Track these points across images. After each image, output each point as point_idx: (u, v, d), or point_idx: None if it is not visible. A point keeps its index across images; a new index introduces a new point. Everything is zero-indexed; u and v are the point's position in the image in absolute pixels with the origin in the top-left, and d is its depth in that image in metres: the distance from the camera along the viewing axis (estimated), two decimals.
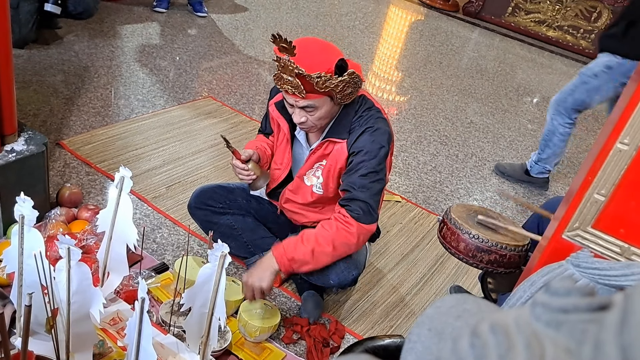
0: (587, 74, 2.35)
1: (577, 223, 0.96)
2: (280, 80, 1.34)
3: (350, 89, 1.36)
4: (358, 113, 1.44)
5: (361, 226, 1.40)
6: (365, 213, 1.39)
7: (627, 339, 0.31)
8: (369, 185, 1.40)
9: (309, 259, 1.38)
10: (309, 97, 1.33)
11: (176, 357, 1.30)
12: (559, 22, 5.34)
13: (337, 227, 1.39)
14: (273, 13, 4.40)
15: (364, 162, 1.40)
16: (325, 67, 1.30)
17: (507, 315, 0.38)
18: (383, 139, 1.41)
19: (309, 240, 1.38)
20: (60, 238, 1.10)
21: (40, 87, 2.48)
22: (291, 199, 1.59)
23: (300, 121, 1.40)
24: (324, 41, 1.40)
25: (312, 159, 1.50)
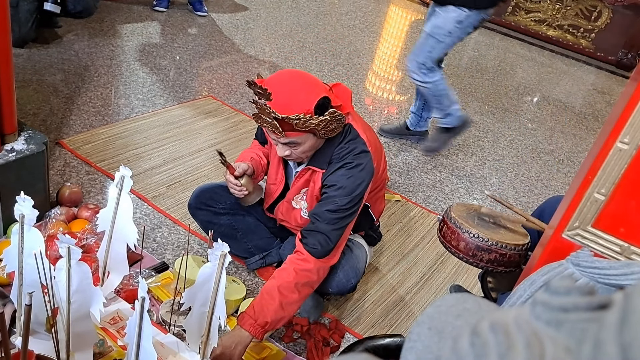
0: (441, 33, 2.36)
1: (577, 222, 0.96)
2: (259, 119, 1.31)
3: (333, 125, 1.32)
4: (342, 144, 1.39)
5: (318, 261, 1.36)
6: (322, 247, 1.36)
7: (627, 338, 0.31)
8: (334, 220, 1.36)
9: (281, 314, 1.31)
10: (289, 135, 1.30)
11: (176, 356, 1.30)
12: (559, 22, 5.34)
13: (295, 271, 1.34)
14: (273, 12, 4.40)
15: (336, 197, 1.36)
16: (303, 108, 1.26)
17: (507, 314, 0.39)
18: (362, 175, 1.37)
19: (272, 296, 1.31)
20: (61, 237, 1.10)
21: (40, 86, 2.48)
22: (284, 220, 1.59)
23: (285, 154, 1.37)
24: (305, 77, 1.33)
25: (298, 184, 1.49)
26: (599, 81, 4.85)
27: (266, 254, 1.72)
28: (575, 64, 5.11)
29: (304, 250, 1.36)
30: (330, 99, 1.31)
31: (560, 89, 4.44)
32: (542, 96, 4.15)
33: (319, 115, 1.27)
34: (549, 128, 3.56)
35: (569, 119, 3.80)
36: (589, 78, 4.89)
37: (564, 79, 4.70)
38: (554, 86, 4.46)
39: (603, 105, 4.26)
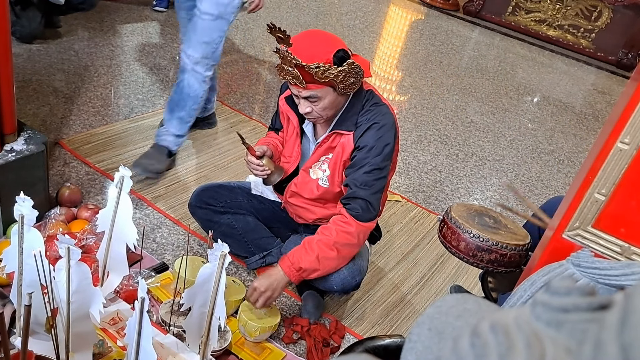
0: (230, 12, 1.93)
1: (577, 222, 0.96)
2: (281, 71, 1.36)
3: (352, 79, 1.36)
4: (365, 107, 1.44)
5: (360, 224, 1.41)
6: (365, 211, 1.41)
7: (627, 338, 0.31)
8: (371, 182, 1.41)
9: (316, 266, 1.40)
10: (310, 87, 1.35)
11: (176, 356, 1.30)
12: (559, 21, 5.34)
13: (336, 231, 1.40)
14: (273, 12, 4.40)
15: (368, 158, 1.41)
16: (323, 57, 1.32)
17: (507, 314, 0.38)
18: (389, 136, 1.42)
19: (312, 248, 1.39)
20: (60, 238, 1.10)
21: (40, 86, 2.48)
22: (297, 192, 1.59)
23: (306, 111, 1.41)
24: (327, 33, 1.42)
25: (319, 151, 1.51)
26: (599, 81, 4.85)
27: (266, 253, 1.72)
28: (576, 64, 5.10)
29: (347, 214, 1.41)
30: (349, 53, 1.37)
31: (561, 89, 4.44)
32: (542, 96, 4.15)
33: (338, 66, 1.33)
34: (549, 128, 3.56)
35: (569, 119, 3.80)
36: (589, 78, 4.89)
37: (564, 79, 4.70)
38: (554, 86, 4.46)
39: (603, 105, 4.25)
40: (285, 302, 1.68)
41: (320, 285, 1.55)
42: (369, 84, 1.50)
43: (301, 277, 1.40)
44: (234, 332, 1.46)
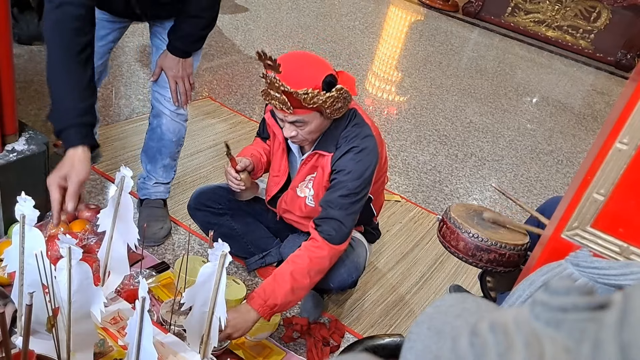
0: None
1: (576, 222, 0.97)
2: (267, 96, 1.33)
3: (339, 104, 1.34)
4: (347, 128, 1.41)
5: (332, 247, 1.38)
6: (338, 233, 1.37)
7: (626, 338, 0.31)
8: (346, 205, 1.38)
9: (290, 299, 1.34)
10: (297, 112, 1.32)
11: (177, 356, 1.30)
12: (558, 22, 5.35)
13: (309, 257, 1.36)
14: (273, 13, 4.40)
15: (346, 182, 1.38)
16: (312, 83, 1.28)
17: (506, 314, 0.39)
18: (369, 159, 1.39)
19: (284, 280, 1.33)
20: (61, 237, 1.10)
21: (41, 86, 2.48)
22: (288, 209, 1.59)
23: (291, 135, 1.38)
24: (313, 56, 1.38)
25: (304, 170, 1.50)
26: (598, 82, 4.86)
27: (266, 253, 1.72)
28: (575, 65, 5.11)
29: (319, 237, 1.38)
30: (336, 77, 1.34)
31: (560, 89, 4.45)
32: (541, 97, 4.16)
33: (326, 92, 1.30)
34: (548, 128, 3.57)
35: (568, 119, 3.81)
36: (588, 79, 4.90)
37: (563, 80, 4.70)
38: (553, 87, 4.47)
39: (602, 105, 4.26)
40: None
41: (318, 284, 1.55)
42: (354, 102, 1.46)
43: (274, 313, 1.34)
44: None
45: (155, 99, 1.71)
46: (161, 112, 1.71)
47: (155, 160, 1.79)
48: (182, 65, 1.62)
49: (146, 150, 1.81)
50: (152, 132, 1.75)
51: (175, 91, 1.66)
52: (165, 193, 1.87)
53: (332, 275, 1.50)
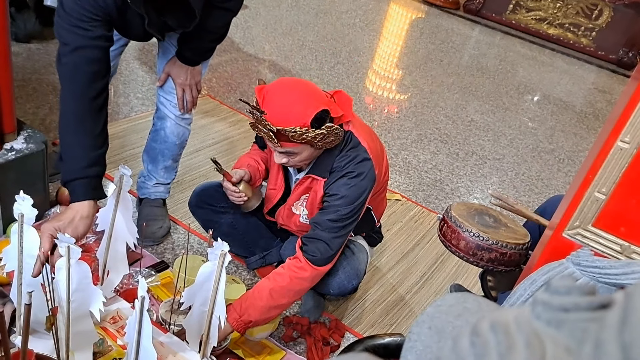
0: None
1: (577, 221, 0.96)
2: (256, 128, 1.30)
3: (330, 138, 1.30)
4: (343, 152, 1.38)
5: (315, 269, 1.36)
6: (322, 255, 1.35)
7: (627, 337, 0.31)
8: (335, 229, 1.36)
9: (265, 316, 1.35)
10: (285, 145, 1.29)
11: (176, 355, 1.30)
12: (560, 20, 5.33)
13: (290, 277, 1.35)
14: (273, 11, 4.40)
15: (338, 206, 1.36)
16: (299, 121, 1.23)
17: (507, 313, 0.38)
18: (363, 185, 1.36)
19: (262, 297, 1.32)
20: (60, 237, 1.09)
21: (40, 85, 2.48)
22: (285, 224, 1.58)
23: (282, 162, 1.36)
24: (304, 88, 1.30)
25: (298, 190, 1.48)
26: (599, 80, 4.85)
27: (266, 253, 1.71)
28: (576, 63, 5.10)
29: (303, 258, 1.36)
30: (329, 111, 1.29)
31: (561, 87, 4.44)
32: (542, 95, 4.15)
33: (316, 129, 1.26)
34: (549, 127, 3.56)
35: (570, 118, 3.80)
36: (590, 77, 4.88)
37: (564, 78, 4.69)
38: (554, 85, 4.46)
39: (604, 104, 4.25)
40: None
41: (317, 289, 1.54)
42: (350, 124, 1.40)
43: (247, 328, 1.34)
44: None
45: (160, 103, 1.70)
46: (166, 115, 1.69)
47: (157, 161, 1.77)
48: (190, 73, 1.60)
49: (148, 150, 1.79)
50: (156, 133, 1.73)
51: (182, 99, 1.64)
52: (165, 193, 1.86)
53: (331, 282, 1.49)
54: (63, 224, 1.19)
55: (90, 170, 1.28)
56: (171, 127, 1.70)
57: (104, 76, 1.31)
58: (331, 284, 1.50)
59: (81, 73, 1.26)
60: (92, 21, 1.24)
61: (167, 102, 1.67)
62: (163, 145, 1.73)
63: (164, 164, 1.77)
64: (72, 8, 1.23)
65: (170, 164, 1.79)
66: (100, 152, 1.31)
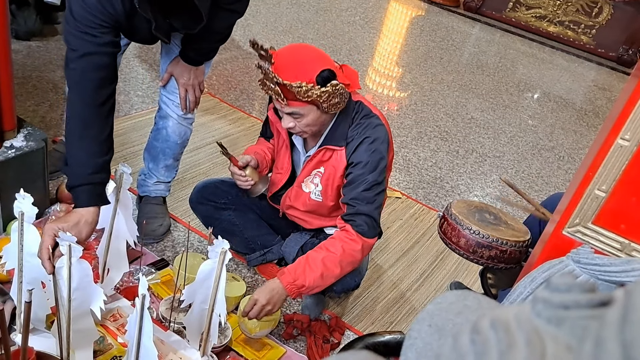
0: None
1: (577, 219, 0.96)
2: (264, 85, 1.33)
3: (336, 99, 1.33)
4: (355, 121, 1.41)
5: (366, 241, 1.39)
6: (370, 227, 1.39)
7: (628, 335, 0.31)
8: (372, 198, 1.39)
9: (319, 283, 1.36)
10: (292, 104, 1.32)
11: (176, 353, 1.30)
12: (559, 18, 5.32)
13: (342, 248, 1.37)
14: (273, 8, 4.39)
15: (365, 174, 1.38)
16: (306, 77, 1.27)
17: (507, 311, 0.38)
18: (382, 149, 1.39)
19: (316, 265, 1.34)
20: (61, 235, 1.09)
21: (40, 82, 2.48)
22: (292, 205, 1.58)
23: (288, 126, 1.38)
24: (313, 49, 1.36)
25: (310, 166, 1.49)
26: (599, 77, 4.84)
27: (267, 250, 1.72)
28: (576, 60, 5.09)
29: (353, 231, 1.38)
30: (335, 73, 1.32)
31: (561, 85, 4.44)
32: (542, 93, 4.14)
33: (321, 87, 1.29)
34: (549, 125, 3.56)
35: (570, 115, 3.80)
36: (590, 74, 4.88)
37: (564, 76, 4.69)
38: (554, 82, 4.45)
39: (604, 101, 4.25)
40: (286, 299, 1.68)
41: None
42: (359, 95, 1.46)
43: (300, 294, 1.37)
44: (234, 329, 1.46)
45: (163, 102, 1.69)
46: (168, 115, 1.69)
47: (158, 160, 1.77)
48: (193, 73, 1.60)
49: (149, 149, 1.79)
50: (158, 132, 1.73)
51: (185, 98, 1.64)
52: (166, 191, 1.86)
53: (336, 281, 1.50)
54: (67, 226, 1.20)
55: (95, 177, 1.28)
56: (173, 126, 1.70)
57: (112, 82, 1.32)
58: (335, 283, 1.50)
59: (89, 79, 1.26)
60: (100, 28, 1.24)
61: (170, 102, 1.67)
62: (165, 144, 1.73)
63: (165, 163, 1.77)
64: (81, 15, 1.23)
65: (171, 163, 1.79)
66: (106, 159, 1.31)
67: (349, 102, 1.41)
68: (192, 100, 1.65)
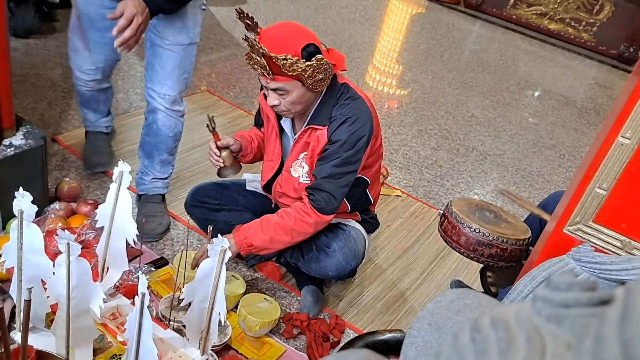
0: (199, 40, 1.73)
1: (578, 217, 0.96)
2: (250, 59, 1.35)
3: (320, 75, 1.35)
4: (340, 101, 1.43)
5: (319, 216, 1.43)
6: (327, 204, 1.42)
7: (628, 333, 0.31)
8: (338, 175, 1.41)
9: (267, 246, 1.44)
10: (277, 79, 1.33)
11: (176, 352, 1.30)
12: (560, 15, 5.31)
13: (295, 219, 1.43)
14: (272, 5, 4.38)
15: (340, 152, 1.40)
16: (291, 50, 1.30)
17: (507, 309, 0.38)
18: (363, 130, 1.41)
19: (268, 229, 1.43)
20: (60, 233, 1.09)
21: (38, 80, 2.47)
22: (284, 192, 1.59)
23: (273, 104, 1.40)
24: (300, 26, 1.40)
25: (297, 148, 1.50)
26: (600, 75, 4.83)
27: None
28: (577, 58, 5.08)
29: (309, 205, 1.43)
30: (320, 49, 1.35)
31: (562, 83, 4.43)
32: (543, 90, 4.14)
33: (306, 60, 1.31)
34: (550, 122, 3.55)
35: (571, 113, 3.79)
36: (591, 72, 4.87)
37: (565, 73, 4.68)
38: (555, 80, 4.44)
39: (605, 99, 4.24)
40: (285, 297, 1.68)
41: (316, 273, 1.56)
42: (344, 78, 1.49)
43: (249, 252, 1.45)
44: (234, 327, 1.46)
45: (149, 96, 1.69)
46: (156, 108, 1.69)
47: (152, 155, 1.77)
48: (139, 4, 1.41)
49: (143, 145, 1.79)
50: (148, 127, 1.74)
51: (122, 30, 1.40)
52: (164, 188, 1.86)
53: (329, 263, 1.51)
54: None
55: None
56: (162, 119, 1.71)
57: None
58: (329, 266, 1.51)
59: None
60: None
61: (155, 94, 1.68)
62: (157, 139, 1.74)
63: (159, 158, 1.77)
64: None
65: (166, 158, 1.79)
66: None
67: (334, 83, 1.43)
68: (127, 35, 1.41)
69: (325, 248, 1.54)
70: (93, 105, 1.92)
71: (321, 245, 1.55)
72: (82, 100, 1.90)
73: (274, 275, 1.72)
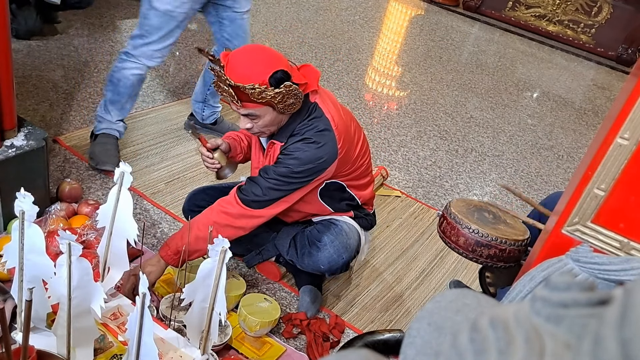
0: None
1: (576, 218, 0.97)
2: (219, 88, 1.34)
3: (291, 100, 1.33)
4: (304, 121, 1.41)
5: (243, 208, 1.39)
6: (254, 197, 1.39)
7: (627, 333, 0.31)
8: (277, 180, 1.38)
9: (194, 247, 1.38)
10: (246, 106, 1.32)
11: (177, 351, 1.30)
12: (559, 17, 5.32)
13: (217, 211, 1.40)
14: (273, 7, 4.38)
15: (289, 164, 1.38)
16: (258, 78, 1.28)
17: (506, 309, 0.39)
18: (319, 153, 1.38)
19: (191, 228, 1.38)
20: (61, 233, 1.10)
21: (40, 81, 2.48)
22: None
23: (246, 127, 1.39)
24: (267, 50, 1.36)
25: (267, 159, 1.51)
26: (599, 76, 4.84)
27: (262, 248, 1.72)
28: (575, 60, 5.09)
29: (234, 195, 1.41)
30: (289, 74, 1.32)
31: (560, 84, 4.44)
32: (542, 92, 4.15)
33: (275, 87, 1.29)
34: (548, 124, 3.56)
35: (569, 114, 3.80)
36: (589, 73, 4.88)
37: (564, 75, 4.69)
38: (554, 82, 4.45)
39: (603, 100, 4.25)
40: (285, 297, 1.69)
41: (309, 268, 1.55)
42: (320, 93, 1.44)
43: (180, 259, 1.39)
44: (235, 327, 1.46)
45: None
46: None
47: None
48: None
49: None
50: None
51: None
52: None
53: (321, 257, 1.51)
54: None
55: None
56: None
57: None
58: (320, 259, 1.51)
59: None
60: None
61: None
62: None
63: None
64: None
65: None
66: None
67: (305, 102, 1.40)
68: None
69: (317, 242, 1.54)
70: (125, 98, 2.02)
71: (313, 239, 1.55)
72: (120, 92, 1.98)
73: (274, 275, 1.73)
